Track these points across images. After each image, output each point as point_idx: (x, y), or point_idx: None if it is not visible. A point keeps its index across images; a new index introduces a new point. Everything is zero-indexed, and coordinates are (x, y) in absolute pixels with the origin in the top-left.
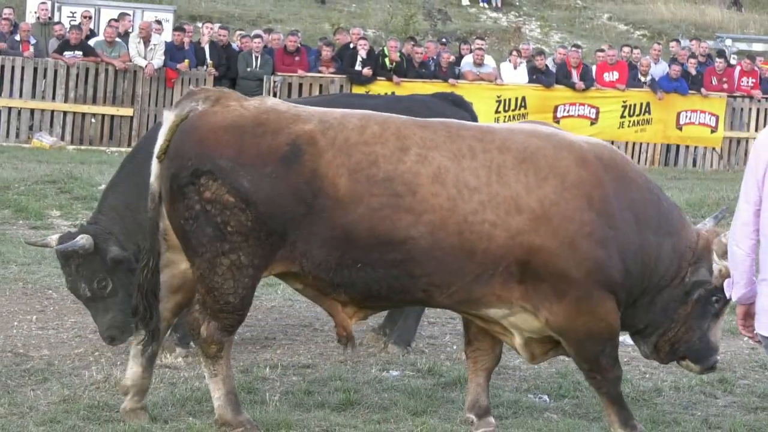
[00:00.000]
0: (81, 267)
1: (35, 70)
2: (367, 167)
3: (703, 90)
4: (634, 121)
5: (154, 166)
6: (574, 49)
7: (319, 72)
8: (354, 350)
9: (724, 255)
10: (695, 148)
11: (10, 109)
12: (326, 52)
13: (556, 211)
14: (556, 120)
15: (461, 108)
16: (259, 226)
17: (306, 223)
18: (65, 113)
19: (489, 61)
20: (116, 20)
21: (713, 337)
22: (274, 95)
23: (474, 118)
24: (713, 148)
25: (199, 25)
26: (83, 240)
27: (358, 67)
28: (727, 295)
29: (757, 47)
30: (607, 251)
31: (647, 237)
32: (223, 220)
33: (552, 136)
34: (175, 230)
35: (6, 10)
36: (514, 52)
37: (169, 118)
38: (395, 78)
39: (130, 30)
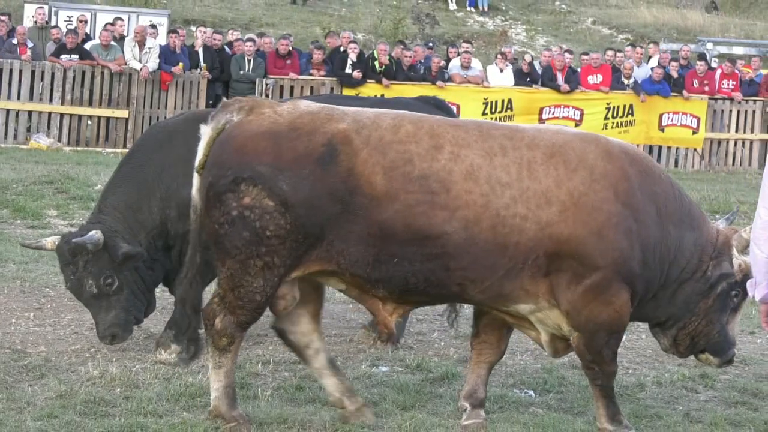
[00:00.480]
0: (89, 263)
1: (33, 72)
2: (402, 165)
3: (684, 92)
4: (617, 123)
5: (195, 179)
6: (565, 52)
7: (311, 75)
8: (393, 346)
9: (743, 250)
10: (677, 148)
11: (8, 111)
12: (317, 56)
13: (585, 202)
14: (541, 121)
15: (443, 111)
16: (298, 228)
17: (342, 221)
18: (62, 115)
19: (476, 64)
20: (112, 24)
21: (731, 330)
22: (266, 97)
23: None
24: (695, 149)
25: (193, 28)
26: (97, 234)
27: (348, 70)
28: (750, 295)
29: (738, 51)
30: (631, 242)
31: (668, 230)
32: (262, 225)
33: (578, 132)
34: (207, 233)
35: (2, 17)
36: (500, 56)
37: (206, 132)
38: (384, 81)
39: (125, 34)
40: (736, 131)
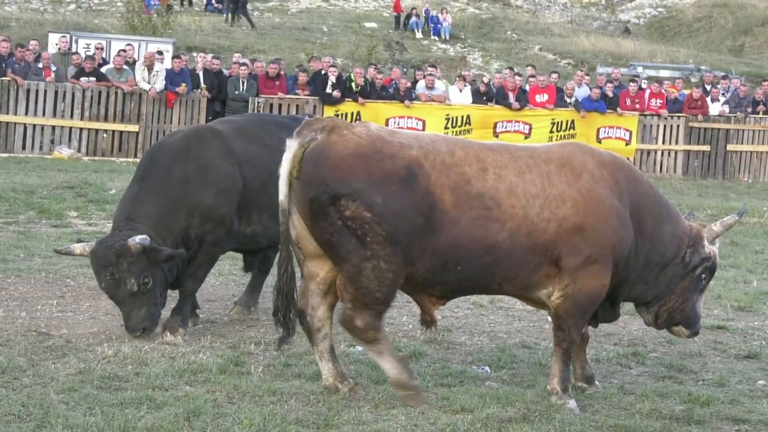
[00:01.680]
0: (132, 264)
1: (56, 92)
2: (463, 185)
3: (618, 109)
4: (561, 136)
5: (284, 186)
6: (514, 75)
7: (296, 94)
8: (436, 330)
9: (712, 240)
10: None
11: (34, 125)
12: (302, 78)
13: (592, 196)
14: (495, 135)
15: None
16: (392, 235)
17: (423, 233)
18: (81, 129)
19: (439, 84)
20: (124, 51)
21: (699, 308)
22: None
23: None
24: (627, 158)
25: (194, 54)
26: (148, 238)
27: (328, 90)
28: None
29: (664, 73)
30: (624, 231)
31: (646, 222)
32: (363, 232)
33: (578, 145)
34: (321, 243)
35: (32, 42)
36: (460, 78)
37: (293, 145)
38: (360, 99)
39: (136, 58)
40: (663, 143)
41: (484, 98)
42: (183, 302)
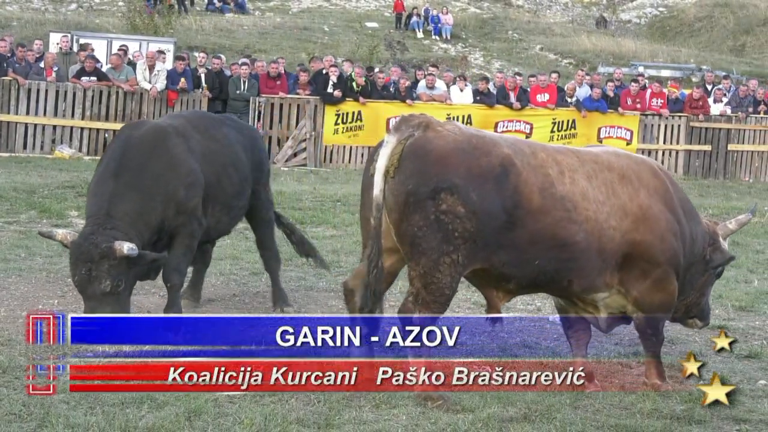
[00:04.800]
0: (112, 267)
1: (57, 92)
2: (548, 187)
3: (619, 109)
4: (562, 135)
5: (380, 181)
6: (514, 75)
7: (297, 94)
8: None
9: (726, 238)
10: None
11: (35, 125)
12: (303, 77)
13: (650, 213)
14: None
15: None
16: (477, 231)
17: (505, 230)
18: (82, 128)
19: (440, 84)
20: (122, 50)
21: (709, 300)
22: (259, 114)
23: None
24: None
25: (195, 54)
26: (136, 249)
27: (329, 90)
28: None
29: (665, 73)
30: (678, 241)
31: (689, 227)
32: (453, 227)
33: (631, 156)
34: (403, 235)
35: (36, 42)
36: (461, 77)
37: (391, 141)
38: (361, 99)
39: (131, 59)
40: (664, 143)
41: (485, 97)
42: (173, 297)
